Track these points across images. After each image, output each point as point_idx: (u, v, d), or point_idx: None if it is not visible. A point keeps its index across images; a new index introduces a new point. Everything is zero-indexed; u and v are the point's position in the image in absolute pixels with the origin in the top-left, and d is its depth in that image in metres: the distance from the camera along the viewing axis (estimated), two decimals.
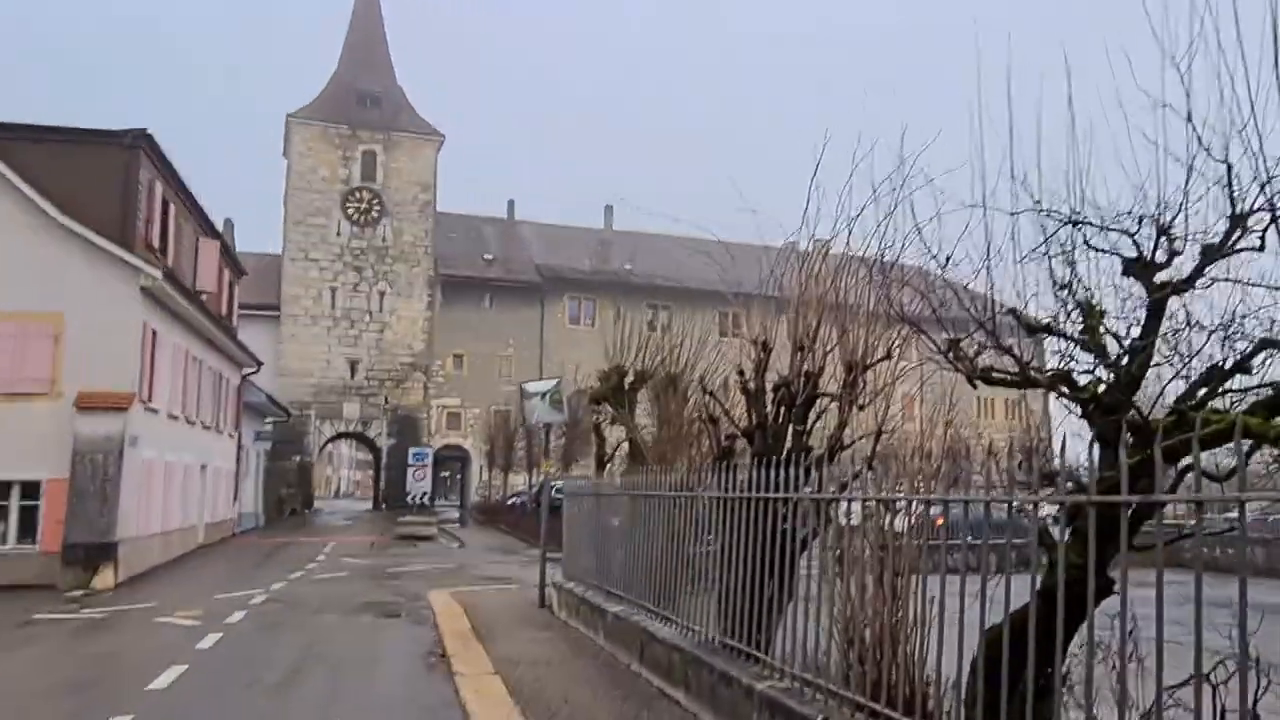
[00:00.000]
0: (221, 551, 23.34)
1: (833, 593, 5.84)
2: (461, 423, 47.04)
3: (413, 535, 27.39)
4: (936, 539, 4.94)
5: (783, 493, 6.25)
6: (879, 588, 5.73)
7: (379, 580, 17.12)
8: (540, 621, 11.51)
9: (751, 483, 6.76)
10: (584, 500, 11.79)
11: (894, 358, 7.24)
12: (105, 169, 18.39)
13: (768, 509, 6.55)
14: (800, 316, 7.74)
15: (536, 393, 13.43)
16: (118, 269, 17.74)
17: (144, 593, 15.21)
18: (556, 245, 52.38)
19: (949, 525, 4.91)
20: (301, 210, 46.09)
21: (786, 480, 6.17)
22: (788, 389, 7.60)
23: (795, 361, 7.71)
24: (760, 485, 6.57)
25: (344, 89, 48.07)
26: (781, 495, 6.26)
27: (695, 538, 8.03)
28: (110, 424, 17.28)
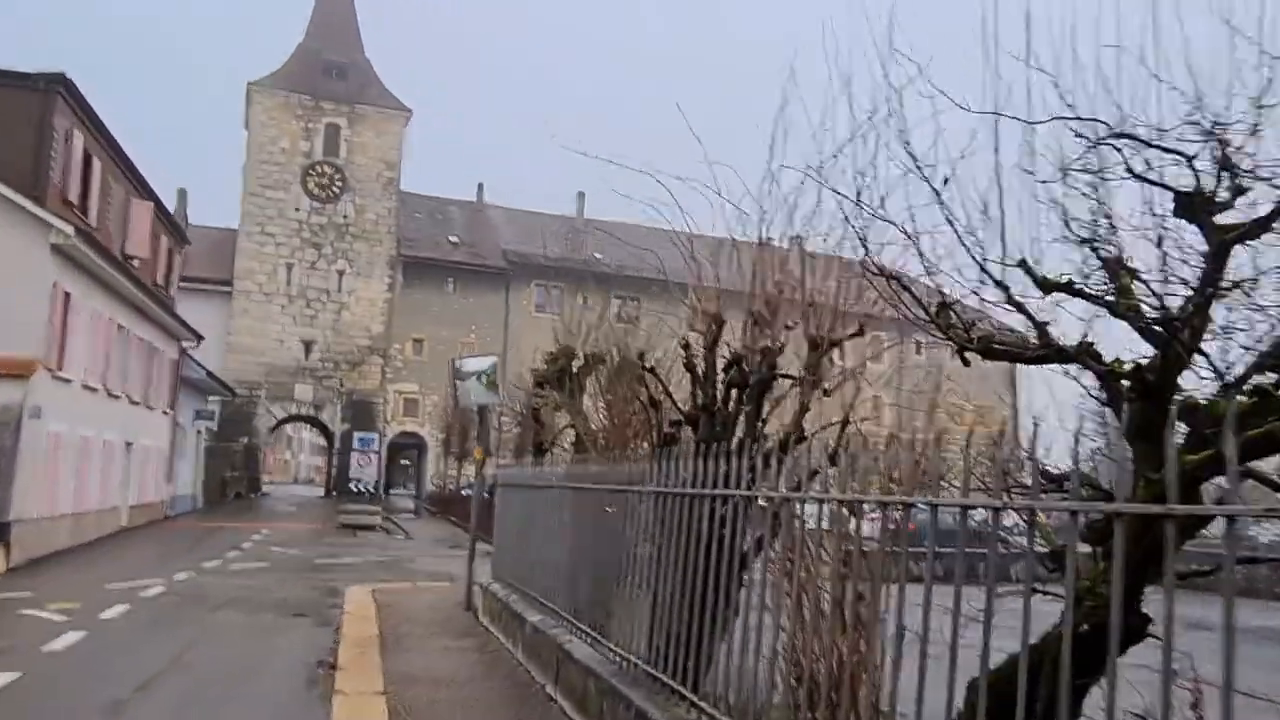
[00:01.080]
0: (143, 536, 21.76)
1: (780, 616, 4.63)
2: (419, 410, 45.47)
3: (354, 525, 25.94)
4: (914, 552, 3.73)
5: (727, 488, 5.02)
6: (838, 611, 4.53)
7: (301, 573, 15.71)
8: (460, 627, 10.22)
9: (693, 477, 5.52)
10: (514, 492, 10.51)
11: (868, 333, 6.05)
12: (15, 114, 16.79)
13: (710, 508, 5.32)
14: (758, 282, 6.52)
15: (471, 372, 12.12)
16: (25, 224, 16.15)
17: (31, 580, 13.71)
18: (526, 231, 50.83)
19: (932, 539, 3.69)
20: (259, 182, 44.28)
21: (732, 474, 4.94)
22: (739, 367, 6.37)
23: (750, 336, 6.49)
24: (702, 479, 5.35)
25: (310, 58, 46.27)
26: (725, 492, 5.04)
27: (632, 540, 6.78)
28: (9, 393, 15.72)
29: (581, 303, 14.52)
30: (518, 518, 10.08)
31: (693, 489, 5.45)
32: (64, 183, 17.64)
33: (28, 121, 16.83)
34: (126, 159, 21.38)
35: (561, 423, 11.94)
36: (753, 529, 5.13)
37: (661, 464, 6.05)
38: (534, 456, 11.89)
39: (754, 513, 5.04)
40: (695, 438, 6.59)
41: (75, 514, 18.79)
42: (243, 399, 41.78)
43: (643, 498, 6.47)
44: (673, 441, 7.30)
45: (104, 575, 14.14)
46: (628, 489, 6.73)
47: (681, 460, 5.86)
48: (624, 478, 6.81)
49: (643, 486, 6.48)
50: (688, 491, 5.54)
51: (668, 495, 5.89)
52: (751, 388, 6.43)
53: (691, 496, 5.47)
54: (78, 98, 17.81)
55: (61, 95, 17.16)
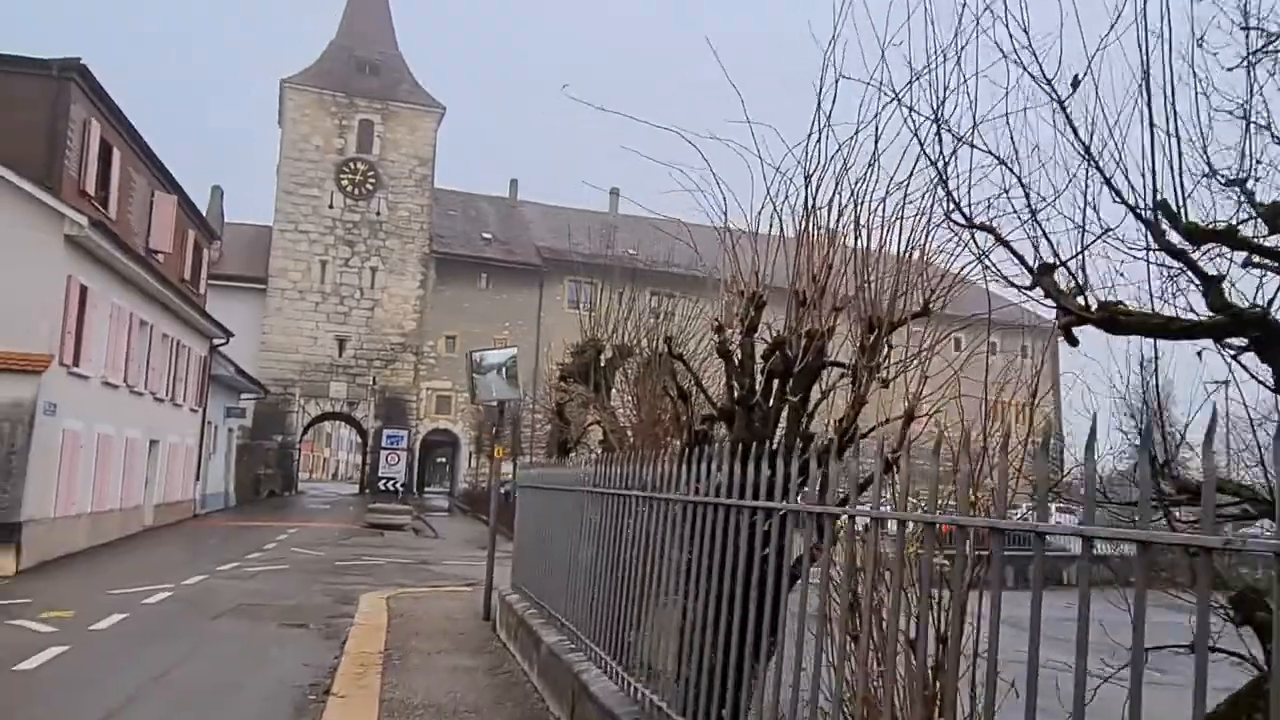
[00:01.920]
0: (167, 536, 21.30)
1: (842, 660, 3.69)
2: (452, 407, 44.92)
3: (382, 524, 25.33)
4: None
5: (769, 499, 4.12)
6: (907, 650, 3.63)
7: (318, 576, 15.02)
8: (476, 642, 9.39)
9: (728, 483, 4.62)
10: (534, 494, 9.67)
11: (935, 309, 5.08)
12: (30, 102, 16.32)
13: (746, 521, 4.42)
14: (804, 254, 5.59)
15: (491, 366, 11.30)
16: (39, 215, 15.66)
17: (35, 584, 13.17)
18: (559, 227, 50.14)
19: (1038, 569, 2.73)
20: (293, 180, 44.03)
21: (775, 483, 4.03)
22: (782, 352, 5.44)
23: (794, 318, 5.57)
24: (738, 487, 4.45)
25: (343, 55, 45.97)
26: (765, 504, 4.13)
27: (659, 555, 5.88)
28: (20, 388, 15.21)
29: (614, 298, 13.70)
30: (537, 523, 9.24)
31: (727, 499, 4.55)
32: (81, 174, 17.15)
33: (42, 110, 16.35)
34: (149, 151, 20.91)
35: (588, 420, 11.08)
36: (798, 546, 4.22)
37: (691, 468, 5.16)
38: (557, 456, 11.05)
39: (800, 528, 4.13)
40: (730, 436, 5.69)
41: (94, 514, 18.33)
42: (277, 397, 41.57)
43: (670, 507, 5.58)
44: (705, 441, 6.40)
45: (112, 580, 13.56)
46: (653, 496, 5.84)
47: (714, 464, 4.96)
48: (650, 482, 5.92)
49: (670, 494, 5.59)
50: (721, 501, 4.64)
51: (698, 505, 5.00)
52: (796, 377, 5.50)
53: (725, 508, 4.57)
54: (94, 86, 17.30)
55: (77, 82, 16.65)
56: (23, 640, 8.75)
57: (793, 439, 5.23)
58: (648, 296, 13.60)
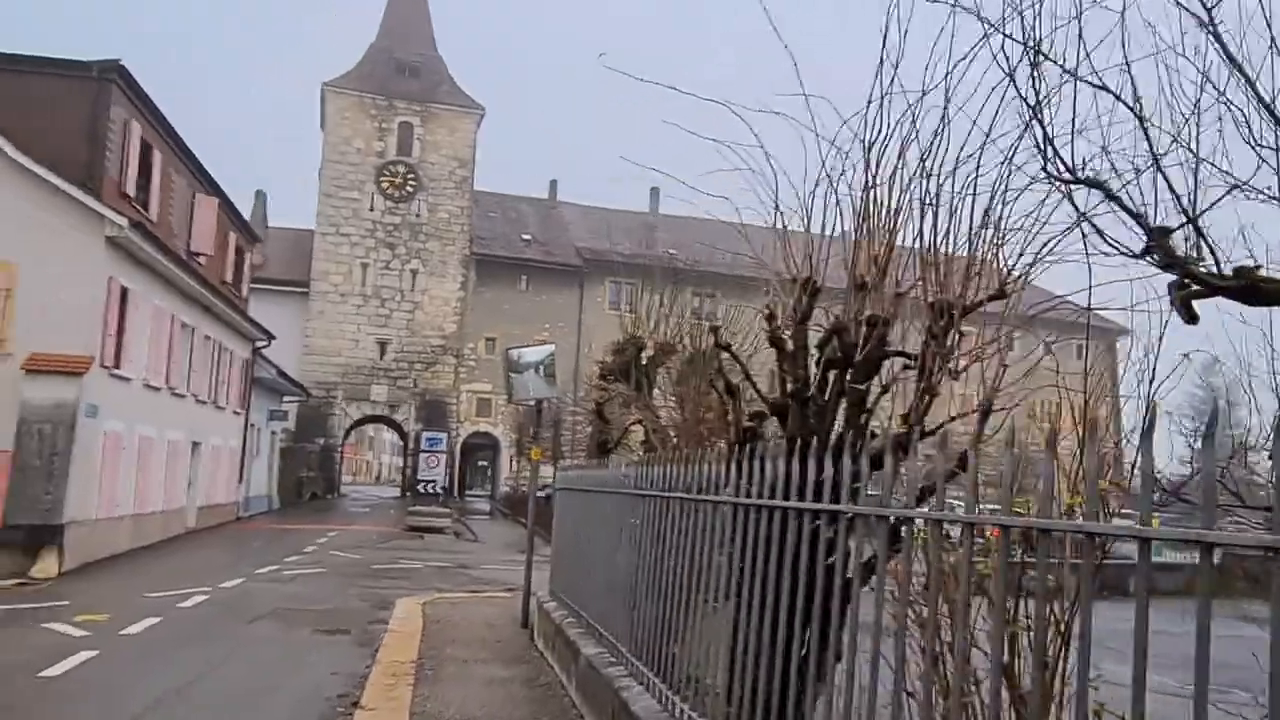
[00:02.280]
0: (208, 539, 21.30)
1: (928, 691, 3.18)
2: (492, 409, 44.82)
3: (422, 527, 25.16)
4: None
5: (833, 501, 3.68)
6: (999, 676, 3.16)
7: (355, 580, 14.80)
8: (513, 650, 9.03)
9: (782, 483, 4.19)
10: (572, 497, 9.29)
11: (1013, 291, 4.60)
12: (71, 104, 16.34)
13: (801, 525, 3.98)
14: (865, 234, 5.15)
15: (529, 364, 10.95)
16: (80, 216, 15.65)
17: (75, 586, 13.10)
18: (599, 228, 50.00)
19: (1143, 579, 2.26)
20: (334, 183, 44.28)
21: (843, 480, 3.59)
22: (841, 340, 4.98)
23: (853, 303, 5.12)
24: (793, 487, 4.01)
25: (382, 58, 46.15)
26: (823, 506, 3.69)
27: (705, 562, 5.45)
28: (62, 390, 15.20)
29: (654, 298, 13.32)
30: (575, 527, 8.86)
31: (780, 500, 4.11)
32: (121, 175, 17.15)
33: (83, 112, 16.36)
34: (189, 152, 20.94)
35: (629, 419, 10.68)
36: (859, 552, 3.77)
37: (739, 467, 4.72)
38: (596, 457, 10.66)
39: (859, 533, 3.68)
40: (783, 433, 5.24)
41: (136, 516, 18.33)
42: (319, 400, 41.79)
43: (718, 509, 5.14)
44: (754, 438, 5.96)
45: (151, 582, 13.45)
46: (699, 498, 5.42)
47: (765, 463, 4.52)
48: (695, 484, 5.50)
49: (717, 496, 5.15)
50: (774, 504, 4.20)
51: (748, 508, 4.57)
52: (855, 368, 5.04)
53: (778, 510, 4.14)
54: (134, 87, 17.30)
55: (117, 84, 16.65)
56: (54, 644, 8.57)
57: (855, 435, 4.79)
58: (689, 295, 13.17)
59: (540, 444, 11.06)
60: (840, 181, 5.24)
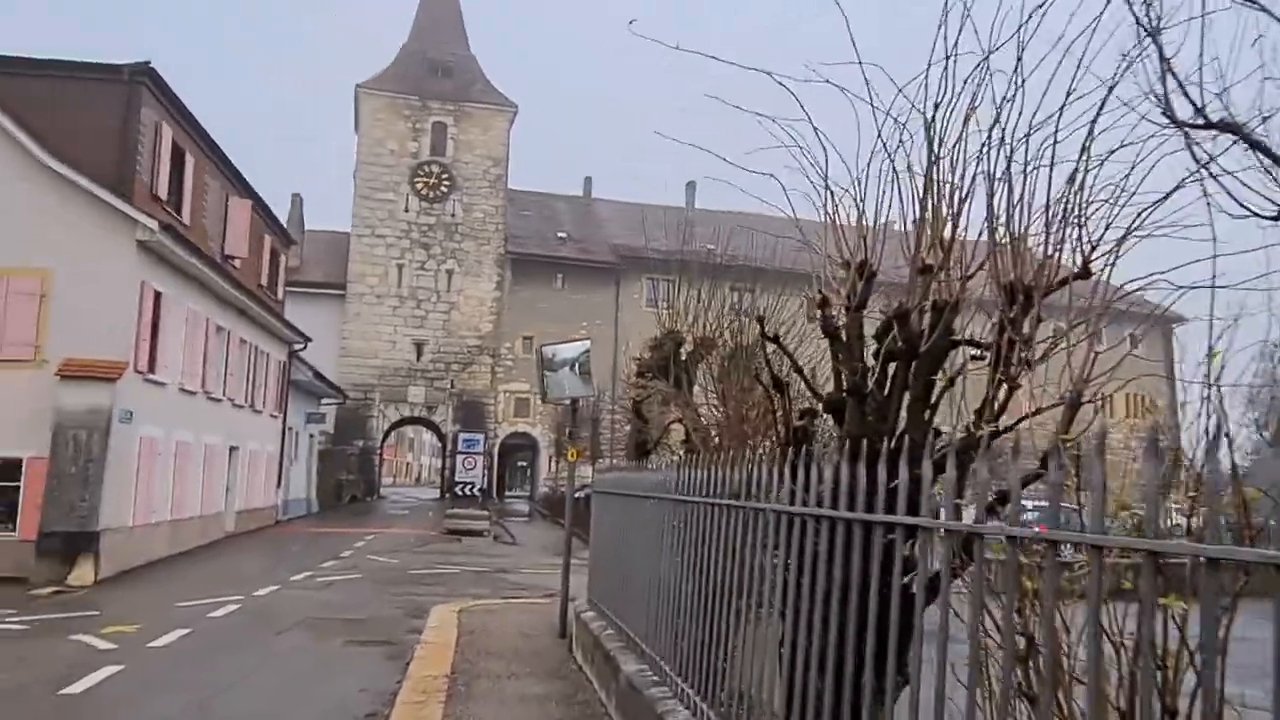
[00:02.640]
0: (247, 543, 21.20)
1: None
2: (530, 409, 44.59)
3: (460, 530, 24.91)
4: None
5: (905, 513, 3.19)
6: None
7: (391, 587, 14.50)
8: (550, 663, 8.61)
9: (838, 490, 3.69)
10: (610, 501, 8.84)
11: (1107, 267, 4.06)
12: (101, 108, 16.25)
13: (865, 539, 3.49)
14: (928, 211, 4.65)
15: (564, 361, 10.52)
16: (112, 220, 15.55)
17: (110, 594, 12.95)
18: (635, 224, 49.49)
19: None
20: (369, 185, 44.33)
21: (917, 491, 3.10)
22: (900, 328, 4.48)
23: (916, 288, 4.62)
24: (852, 496, 3.53)
25: (415, 58, 46.12)
26: (906, 519, 3.19)
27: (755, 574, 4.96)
28: (96, 396, 15.09)
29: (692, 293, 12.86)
30: (613, 532, 8.42)
31: (844, 511, 3.62)
32: (153, 178, 17.04)
33: (113, 115, 16.26)
34: (222, 155, 20.84)
35: (668, 418, 10.21)
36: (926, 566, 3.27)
37: (793, 471, 4.23)
38: (635, 458, 10.21)
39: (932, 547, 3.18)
40: (840, 433, 4.74)
41: (174, 521, 18.24)
42: (357, 402, 41.83)
43: (764, 517, 4.66)
44: (805, 439, 5.47)
45: (185, 589, 13.25)
46: (744, 505, 4.94)
47: (822, 468, 4.03)
48: (740, 488, 5.02)
49: (764, 502, 4.67)
50: (835, 515, 3.71)
51: (799, 517, 4.08)
52: (920, 360, 4.54)
53: (841, 522, 3.64)
54: (165, 89, 17.18)
55: (147, 86, 16.53)
56: (79, 658, 8.31)
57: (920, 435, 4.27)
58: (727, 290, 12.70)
59: (577, 444, 10.63)
60: (898, 154, 4.74)
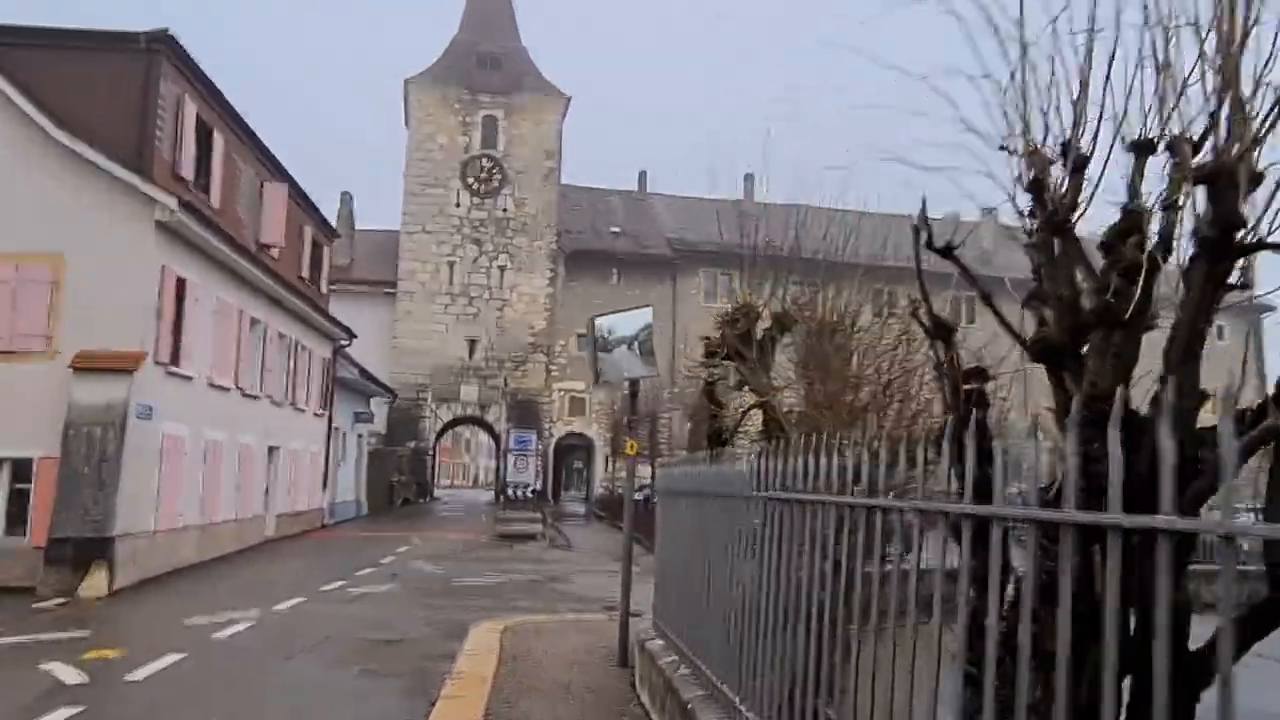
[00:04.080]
0: (285, 549, 19.94)
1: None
2: (586, 408, 43.11)
3: (512, 534, 23.40)
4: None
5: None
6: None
7: (429, 599, 12.97)
8: (608, 702, 6.91)
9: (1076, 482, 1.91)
10: (679, 502, 7.12)
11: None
12: (118, 80, 15.03)
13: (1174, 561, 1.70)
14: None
15: (621, 338, 8.83)
16: (129, 200, 14.30)
17: (118, 609, 11.67)
18: (690, 217, 47.80)
19: None
20: (419, 180, 43.27)
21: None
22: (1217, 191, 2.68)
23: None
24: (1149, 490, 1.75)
25: (465, 51, 44.96)
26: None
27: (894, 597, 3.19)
28: (111, 390, 13.84)
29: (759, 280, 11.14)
30: (683, 542, 6.69)
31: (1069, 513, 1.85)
32: (175, 156, 15.79)
33: (131, 87, 15.02)
34: (255, 136, 19.61)
35: (747, 402, 8.45)
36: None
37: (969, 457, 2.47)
38: (708, 450, 8.47)
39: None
40: (1081, 393, 2.94)
41: (204, 526, 16.98)
42: (409, 401, 40.78)
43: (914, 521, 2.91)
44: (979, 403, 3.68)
45: (199, 604, 11.88)
46: (877, 505, 3.18)
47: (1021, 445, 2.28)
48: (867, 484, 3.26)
49: (919, 500, 2.90)
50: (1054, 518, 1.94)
51: (982, 520, 2.33)
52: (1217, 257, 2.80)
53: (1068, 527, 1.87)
54: (187, 60, 15.92)
55: (167, 56, 15.27)
56: (36, 697, 6.82)
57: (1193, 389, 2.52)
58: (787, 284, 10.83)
59: (635, 436, 8.92)
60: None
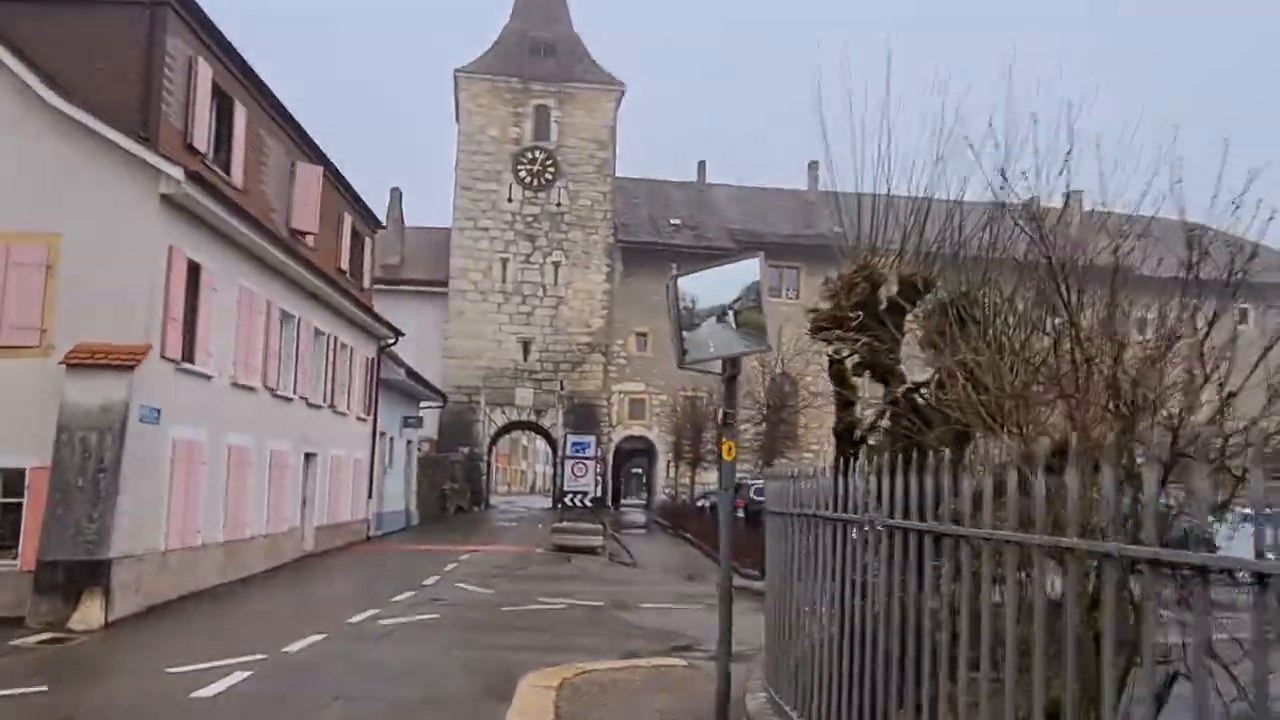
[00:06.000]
0: (320, 567, 18.07)
1: None
2: (645, 410, 40.92)
3: (570, 547, 21.28)
4: None
5: None
6: None
7: (472, 633, 10.87)
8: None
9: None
10: (800, 526, 4.85)
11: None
12: (120, 39, 13.26)
13: None
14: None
15: (710, 307, 6.56)
16: (132, 171, 12.49)
17: (103, 648, 9.78)
18: (752, 209, 45.51)
19: None
20: (470, 175, 41.56)
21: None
22: None
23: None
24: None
25: (517, 39, 43.19)
26: None
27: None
28: (109, 389, 11.99)
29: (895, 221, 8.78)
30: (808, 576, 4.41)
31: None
32: (186, 124, 13.98)
33: (134, 47, 13.23)
34: (283, 109, 17.79)
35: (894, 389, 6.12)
36: None
37: None
38: (839, 451, 6.17)
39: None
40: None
41: (228, 543, 15.13)
42: (461, 405, 39.07)
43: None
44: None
45: (200, 641, 9.97)
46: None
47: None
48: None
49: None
50: None
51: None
52: None
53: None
54: (197, 14, 14.09)
55: (174, 8, 13.45)
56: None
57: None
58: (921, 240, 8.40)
59: (733, 436, 6.63)
60: None
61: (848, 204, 7.48)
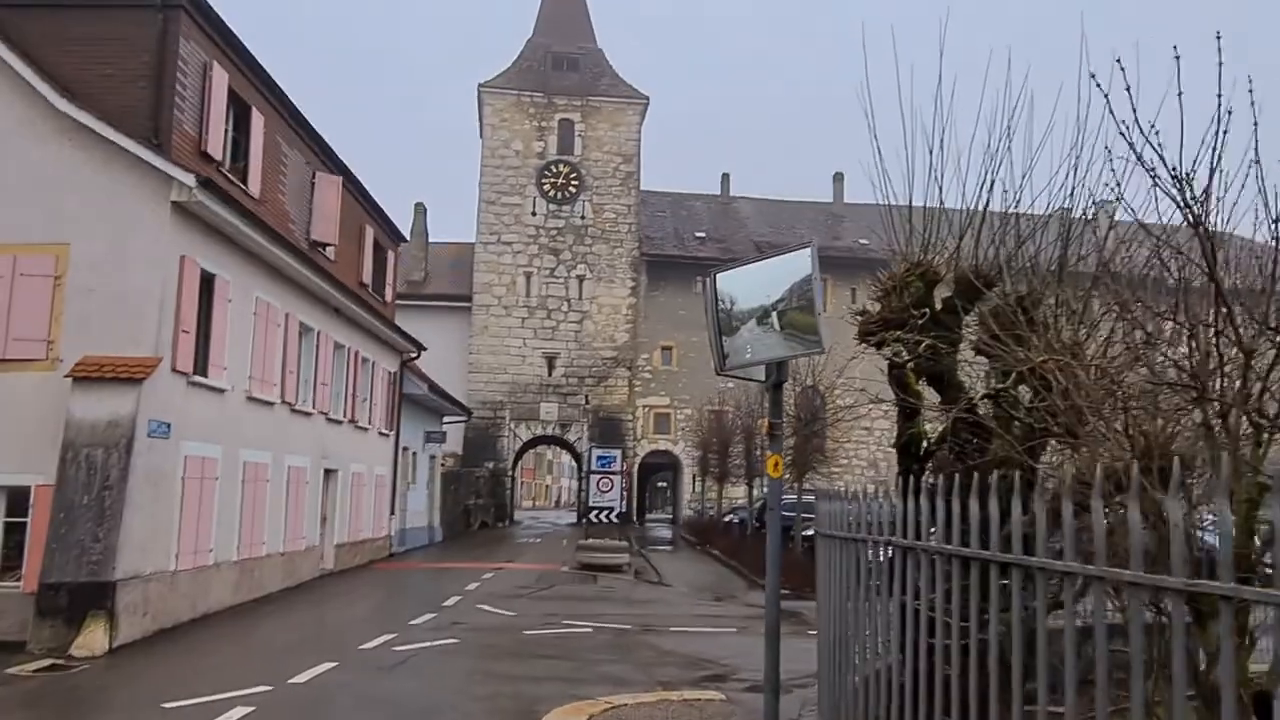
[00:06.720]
0: (339, 586, 17.53)
1: None
2: (671, 425, 40.22)
3: (595, 565, 20.62)
4: None
5: None
6: None
7: (492, 662, 10.23)
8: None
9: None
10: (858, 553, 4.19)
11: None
12: (132, 43, 12.90)
13: None
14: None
15: (750, 310, 5.93)
16: (142, 179, 12.10)
17: (101, 678, 9.25)
18: (777, 221, 44.83)
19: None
20: (494, 189, 41.22)
21: None
22: None
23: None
24: None
25: (540, 53, 42.94)
26: None
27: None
28: (116, 403, 11.54)
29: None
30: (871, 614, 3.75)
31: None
32: (201, 131, 13.59)
33: (147, 51, 12.85)
34: (302, 118, 17.40)
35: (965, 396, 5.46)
36: None
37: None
38: (901, 466, 5.50)
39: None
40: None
41: (243, 561, 14.63)
42: (485, 420, 38.59)
43: None
44: None
45: (203, 672, 9.43)
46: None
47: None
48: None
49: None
50: None
51: None
52: None
53: None
54: (213, 19, 13.73)
55: (187, 11, 13.08)
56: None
57: None
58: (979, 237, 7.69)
59: (778, 450, 5.98)
60: None
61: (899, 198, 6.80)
